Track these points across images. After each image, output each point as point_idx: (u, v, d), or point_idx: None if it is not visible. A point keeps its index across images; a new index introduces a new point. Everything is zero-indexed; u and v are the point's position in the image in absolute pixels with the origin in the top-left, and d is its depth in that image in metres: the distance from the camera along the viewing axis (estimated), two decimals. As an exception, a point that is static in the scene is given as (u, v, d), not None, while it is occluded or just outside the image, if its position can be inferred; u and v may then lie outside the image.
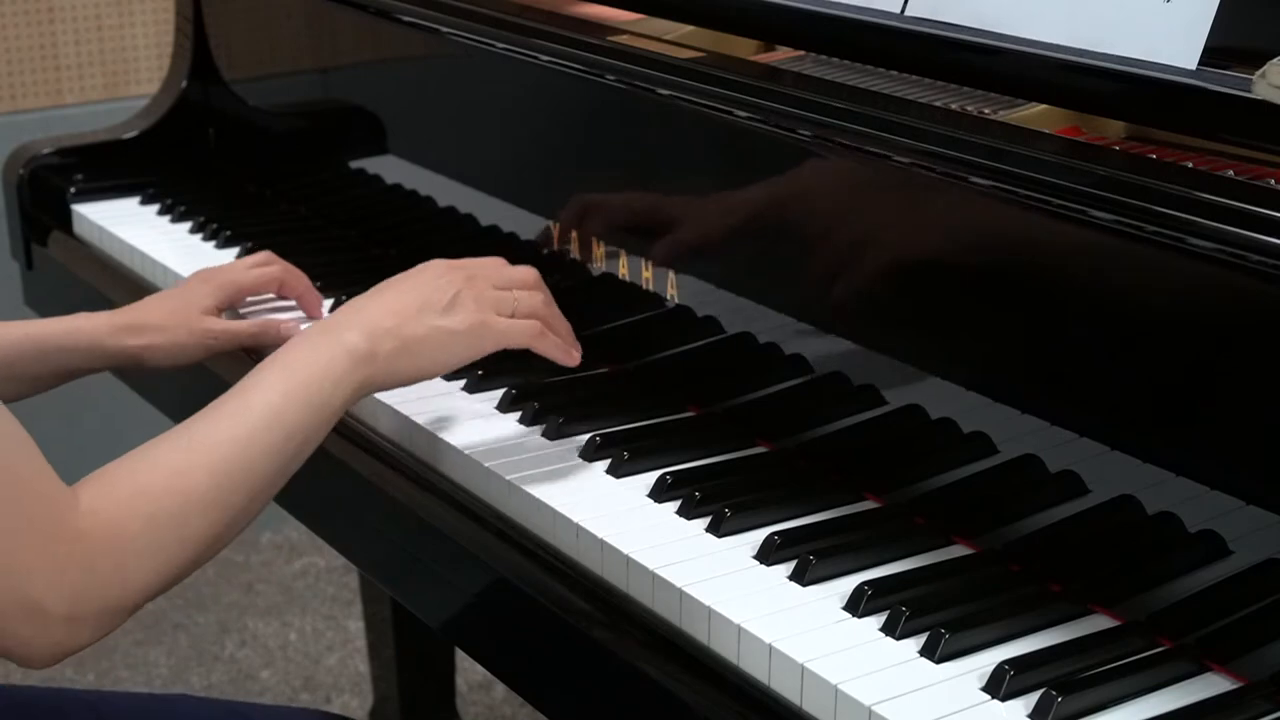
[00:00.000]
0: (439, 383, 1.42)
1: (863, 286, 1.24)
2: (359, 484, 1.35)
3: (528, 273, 1.31)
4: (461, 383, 1.41)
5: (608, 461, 1.27)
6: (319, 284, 1.63)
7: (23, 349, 1.42)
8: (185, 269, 1.71)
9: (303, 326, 1.50)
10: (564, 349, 1.29)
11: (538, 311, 1.28)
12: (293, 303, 1.58)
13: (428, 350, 1.23)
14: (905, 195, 1.19)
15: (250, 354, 1.49)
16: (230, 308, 1.53)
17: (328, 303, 1.59)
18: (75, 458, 1.42)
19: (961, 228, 1.16)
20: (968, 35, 1.23)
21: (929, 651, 1.03)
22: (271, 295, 1.58)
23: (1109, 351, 1.08)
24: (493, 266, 1.30)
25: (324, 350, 1.19)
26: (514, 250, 1.56)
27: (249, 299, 1.57)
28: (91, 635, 1.06)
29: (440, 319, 1.23)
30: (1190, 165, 1.07)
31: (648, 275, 1.40)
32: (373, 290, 1.27)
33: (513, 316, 1.26)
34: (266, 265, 1.55)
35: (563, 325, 1.31)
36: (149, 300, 1.50)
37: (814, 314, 1.27)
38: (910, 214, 1.19)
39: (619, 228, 1.43)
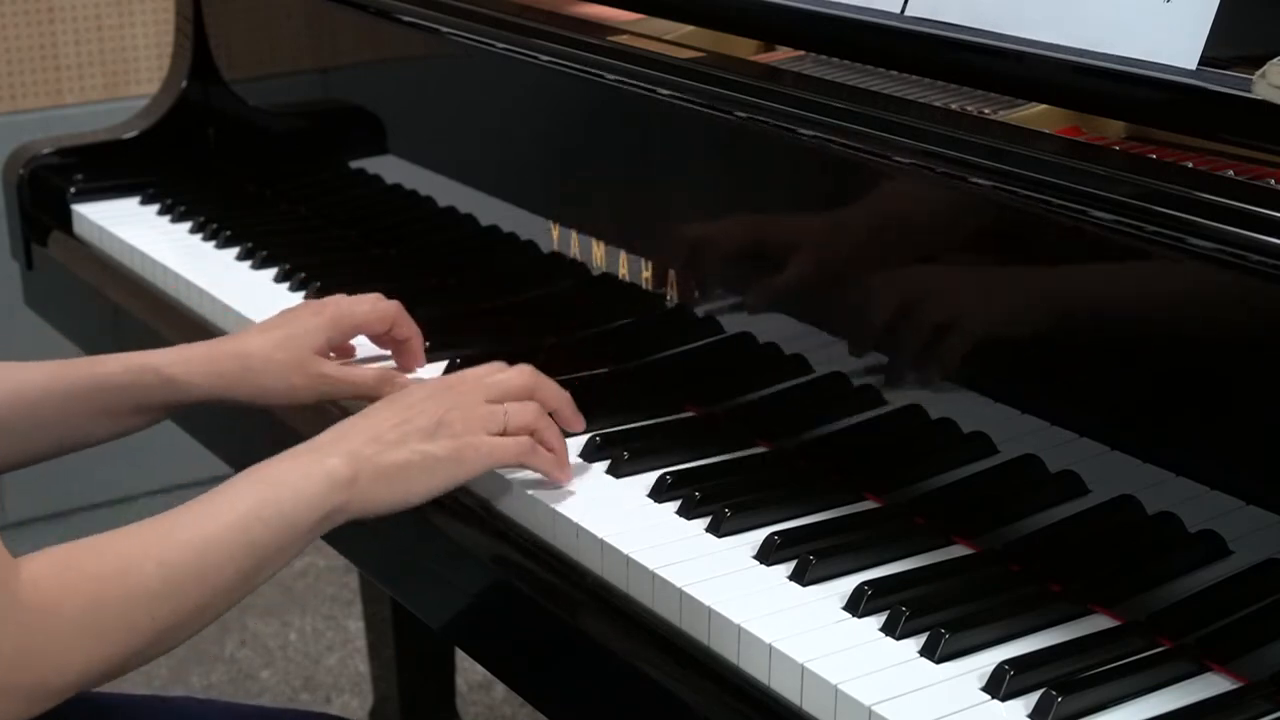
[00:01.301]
0: (439, 383, 1.42)
1: (862, 286, 1.23)
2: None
3: (521, 378, 1.27)
4: (461, 383, 1.41)
5: (608, 461, 1.27)
6: (318, 284, 1.63)
7: (104, 386, 1.34)
8: (185, 269, 1.71)
9: (388, 363, 1.43)
10: (556, 464, 1.24)
11: (530, 425, 1.23)
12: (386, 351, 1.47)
13: (410, 476, 1.19)
14: (905, 195, 1.19)
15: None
16: (341, 343, 1.42)
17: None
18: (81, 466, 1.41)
19: (961, 228, 1.16)
20: (968, 35, 1.23)
21: (929, 651, 1.03)
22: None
23: (1109, 351, 1.08)
24: (484, 378, 1.26)
25: (302, 470, 1.16)
26: (514, 250, 1.56)
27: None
28: (19, 710, 1.02)
29: (423, 444, 1.19)
30: (1190, 165, 1.07)
31: (647, 275, 1.40)
32: (360, 414, 1.23)
33: (504, 431, 1.22)
34: (381, 301, 1.44)
35: (556, 437, 1.25)
36: (249, 334, 1.39)
37: (814, 314, 1.27)
38: (910, 214, 1.19)
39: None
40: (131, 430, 1.39)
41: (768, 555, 1.13)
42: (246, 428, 1.56)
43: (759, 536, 1.15)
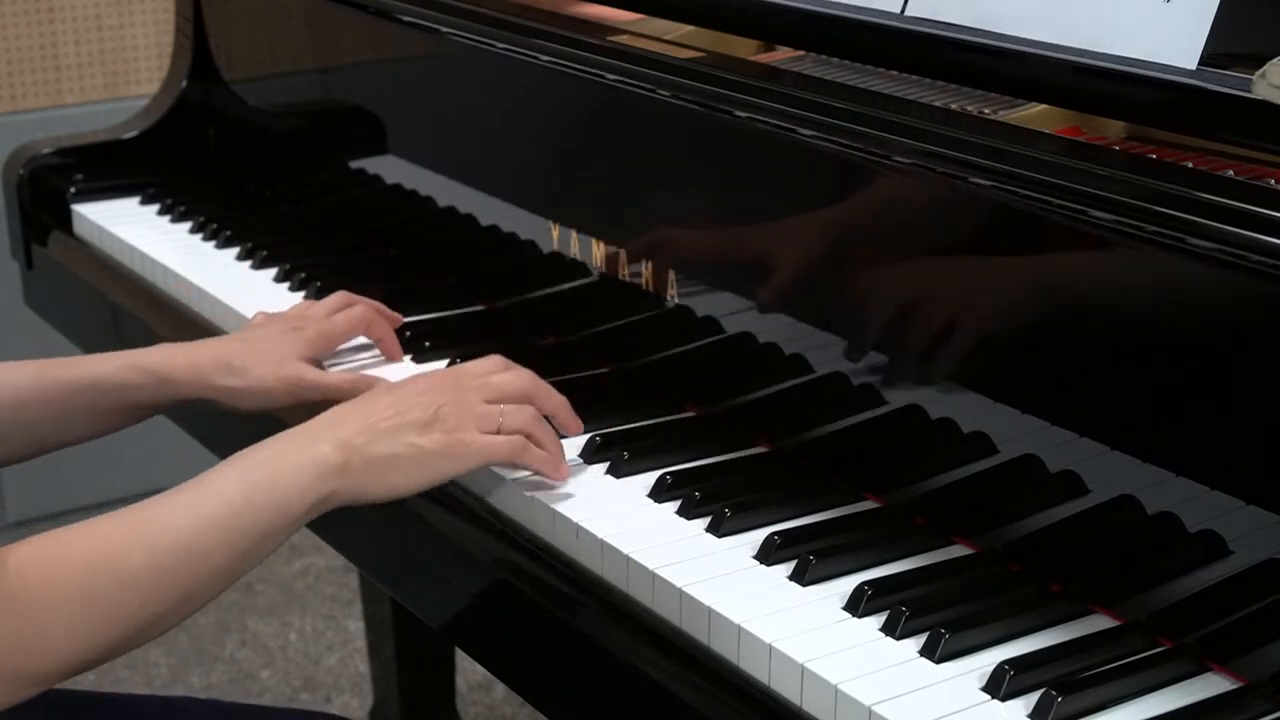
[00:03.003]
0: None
1: (862, 286, 1.24)
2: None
3: (519, 381, 1.27)
4: (461, 383, 1.41)
5: (608, 462, 1.27)
6: (318, 284, 1.63)
7: (87, 386, 1.36)
8: (186, 269, 1.71)
9: (388, 364, 1.45)
10: (551, 462, 1.23)
11: (525, 428, 1.23)
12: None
13: (400, 468, 1.19)
14: (905, 195, 1.19)
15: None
16: (323, 357, 1.45)
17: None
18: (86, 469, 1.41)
19: (961, 228, 1.16)
20: (968, 35, 1.23)
21: (929, 651, 1.03)
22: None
23: (1109, 351, 1.08)
24: (484, 375, 1.26)
25: (292, 456, 1.16)
26: (513, 250, 1.56)
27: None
28: (9, 695, 1.03)
29: (416, 436, 1.19)
30: (1190, 165, 1.07)
31: (647, 275, 1.40)
32: (355, 400, 1.24)
33: (499, 431, 1.22)
34: (350, 307, 1.47)
35: (550, 438, 1.25)
36: (231, 339, 1.43)
37: (814, 314, 1.27)
38: (910, 214, 1.19)
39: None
40: (114, 429, 1.40)
41: (768, 555, 1.13)
42: (247, 428, 1.57)
43: (759, 536, 1.15)
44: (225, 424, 1.62)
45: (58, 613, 1.04)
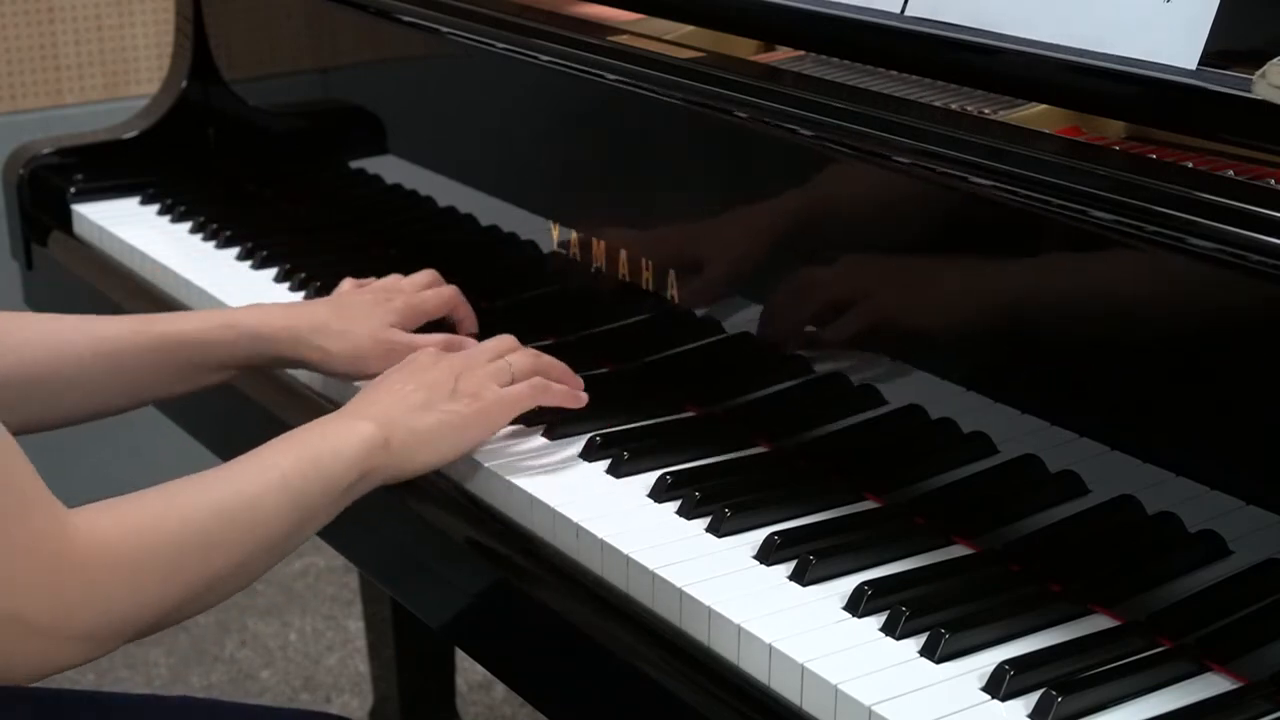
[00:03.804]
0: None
1: (862, 286, 1.24)
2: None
3: (506, 338, 1.34)
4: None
5: (608, 461, 1.27)
6: (318, 284, 1.63)
7: (184, 340, 1.38)
8: (186, 269, 1.71)
9: None
10: (570, 394, 1.30)
11: (535, 367, 1.30)
12: None
13: (442, 436, 1.24)
14: (905, 195, 1.19)
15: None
16: (409, 330, 1.44)
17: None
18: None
19: (961, 228, 1.16)
20: (968, 35, 1.23)
21: (929, 651, 1.03)
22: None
23: (1109, 351, 1.08)
24: (475, 346, 1.33)
25: (337, 434, 1.20)
26: (513, 250, 1.56)
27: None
28: (73, 655, 1.04)
29: (449, 404, 1.24)
30: (1190, 165, 1.07)
31: (648, 275, 1.40)
32: (377, 383, 1.28)
33: (512, 381, 1.28)
34: (440, 286, 1.49)
35: (558, 368, 1.32)
36: (318, 304, 1.45)
37: (814, 314, 1.27)
38: (910, 214, 1.19)
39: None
40: (204, 386, 1.41)
41: (768, 555, 1.13)
42: (248, 427, 1.57)
43: (759, 536, 1.15)
44: (225, 424, 1.63)
45: (125, 569, 1.05)
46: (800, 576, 1.11)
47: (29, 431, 1.38)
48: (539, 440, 1.31)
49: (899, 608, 1.05)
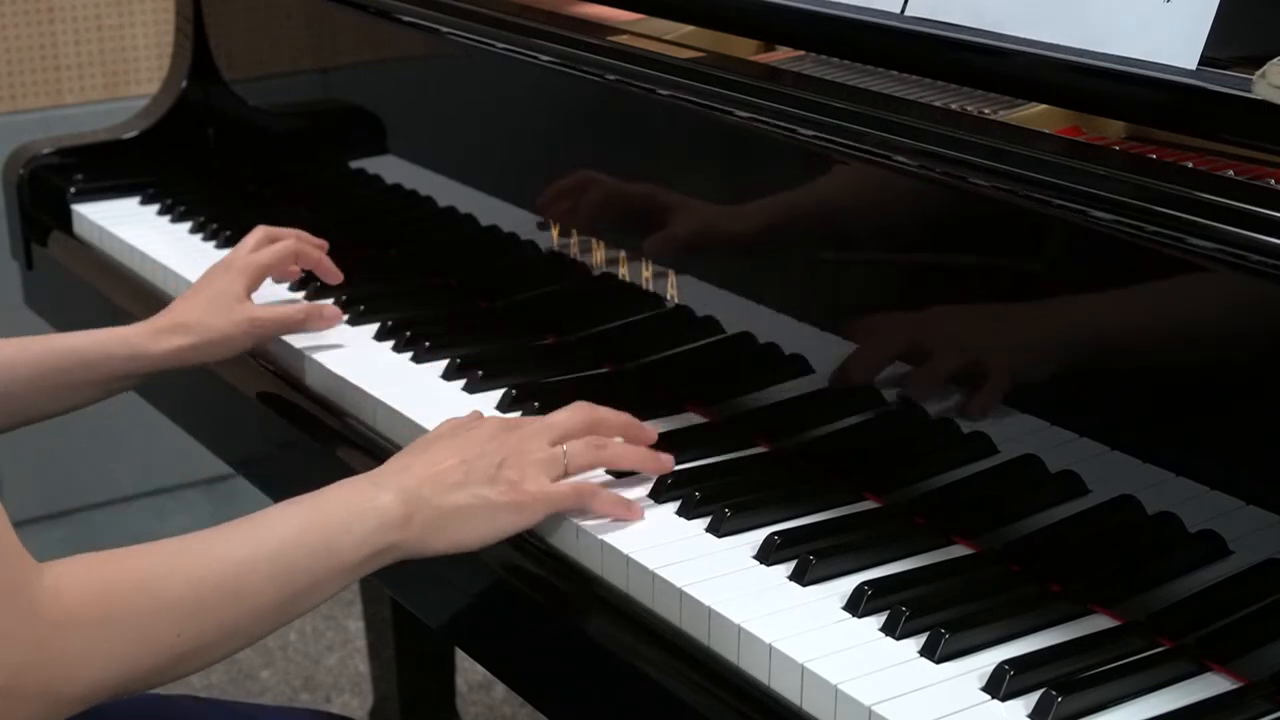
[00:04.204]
0: (441, 385, 1.42)
1: (863, 286, 1.24)
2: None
3: (579, 414, 1.23)
4: (462, 383, 1.41)
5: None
6: (317, 284, 1.62)
7: (60, 360, 1.40)
8: (185, 269, 1.71)
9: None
10: (621, 503, 1.19)
11: (593, 461, 1.21)
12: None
13: (466, 522, 1.15)
14: (905, 195, 1.19)
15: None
16: (255, 289, 1.50)
17: (327, 300, 1.57)
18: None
19: (961, 228, 1.16)
20: (968, 35, 1.23)
21: (929, 651, 1.03)
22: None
23: (1109, 351, 1.08)
24: (542, 420, 1.22)
25: (354, 504, 1.13)
26: (513, 250, 1.56)
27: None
28: (38, 715, 1.00)
29: (483, 488, 1.15)
30: (1190, 165, 1.07)
31: (648, 275, 1.40)
32: (419, 444, 1.20)
33: (565, 473, 1.19)
34: (275, 240, 1.53)
35: (626, 454, 1.23)
36: (178, 303, 1.48)
37: (814, 314, 1.27)
38: (910, 214, 1.19)
39: (612, 217, 1.42)
40: (88, 403, 1.44)
41: (768, 555, 1.13)
42: (246, 426, 1.57)
43: (759, 536, 1.15)
44: (226, 424, 1.63)
45: (92, 633, 1.01)
46: (800, 576, 1.11)
47: None
48: (539, 440, 1.31)
49: (899, 608, 1.05)
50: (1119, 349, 1.08)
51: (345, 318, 1.55)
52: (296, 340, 1.51)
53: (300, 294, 1.64)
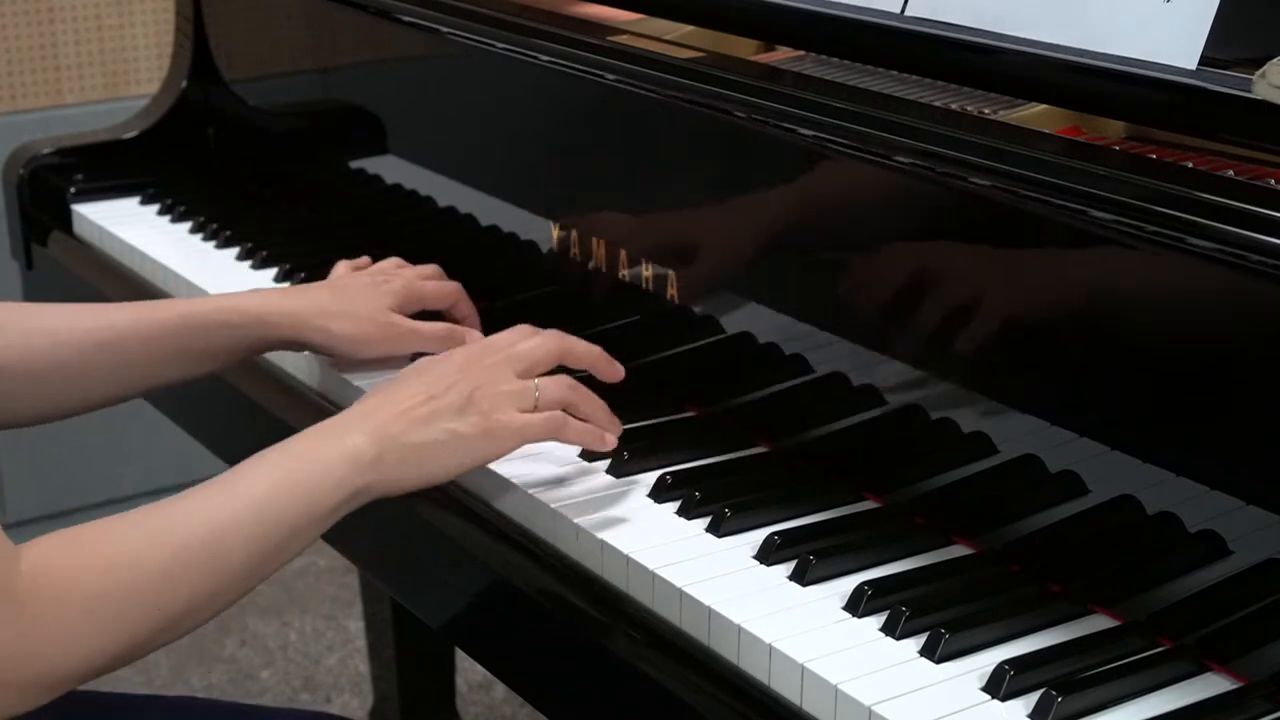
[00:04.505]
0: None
1: (863, 286, 1.24)
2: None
3: (548, 343, 1.24)
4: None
5: (608, 461, 1.27)
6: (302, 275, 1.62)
7: (188, 325, 1.36)
8: (185, 269, 1.71)
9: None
10: (595, 434, 1.21)
11: (562, 400, 1.21)
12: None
13: (438, 456, 1.17)
14: (905, 195, 1.19)
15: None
16: (406, 313, 1.44)
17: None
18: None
19: (961, 228, 1.16)
20: (968, 35, 1.23)
21: (929, 651, 1.03)
22: None
23: (1109, 352, 1.08)
24: (511, 347, 1.23)
25: (324, 449, 1.14)
26: (513, 250, 1.56)
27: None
28: (19, 703, 1.00)
29: (452, 421, 1.17)
30: (1190, 165, 1.07)
31: (648, 275, 1.40)
32: (386, 387, 1.20)
33: (535, 408, 1.20)
34: (442, 280, 1.48)
35: (594, 405, 1.23)
36: (319, 287, 1.44)
37: (814, 314, 1.27)
38: (910, 214, 1.19)
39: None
40: (206, 372, 1.40)
41: (768, 555, 1.13)
42: (246, 426, 1.57)
43: (759, 536, 1.15)
44: (226, 424, 1.62)
45: (74, 617, 1.01)
46: (800, 576, 1.11)
47: (38, 422, 1.38)
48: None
49: (899, 608, 1.05)
50: (1119, 349, 1.08)
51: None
52: None
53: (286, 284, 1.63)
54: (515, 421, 1.19)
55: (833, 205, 1.25)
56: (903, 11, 1.28)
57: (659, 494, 1.22)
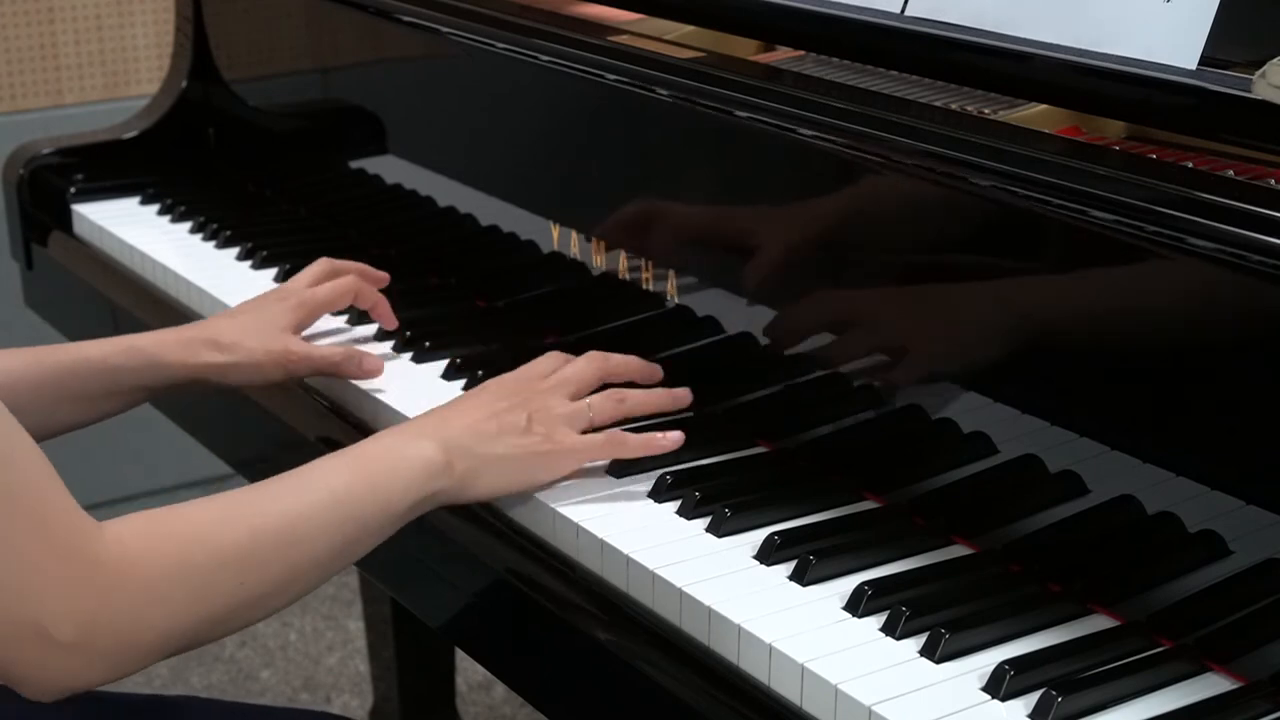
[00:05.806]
0: (441, 384, 1.42)
1: (862, 286, 1.24)
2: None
3: (591, 365, 1.29)
4: (462, 383, 1.41)
5: (608, 461, 1.27)
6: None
7: (79, 369, 1.36)
8: (185, 269, 1.71)
9: (387, 363, 1.43)
10: (648, 443, 1.25)
11: (614, 416, 1.27)
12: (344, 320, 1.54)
13: (503, 469, 1.21)
14: (905, 195, 1.19)
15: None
16: (307, 327, 1.47)
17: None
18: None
19: (961, 228, 1.16)
20: (968, 35, 1.23)
21: (929, 651, 1.03)
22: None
23: (1109, 352, 1.08)
24: (556, 373, 1.28)
25: (399, 452, 1.17)
26: (513, 250, 1.56)
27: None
28: (102, 672, 1.02)
29: (519, 438, 1.21)
30: (1190, 165, 1.07)
31: (648, 275, 1.40)
32: (451, 404, 1.25)
33: (589, 427, 1.25)
34: (336, 277, 1.49)
35: (647, 401, 1.29)
36: (218, 318, 1.45)
37: (814, 314, 1.27)
38: (910, 214, 1.19)
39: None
40: (107, 415, 1.40)
41: (768, 555, 1.13)
42: (246, 426, 1.57)
43: (759, 536, 1.15)
44: (226, 424, 1.62)
45: (156, 584, 1.03)
46: (800, 576, 1.11)
47: None
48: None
49: (899, 608, 1.05)
50: (1119, 349, 1.08)
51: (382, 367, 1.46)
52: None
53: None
54: (575, 443, 1.24)
55: (832, 205, 1.25)
56: (903, 11, 1.28)
57: (659, 494, 1.22)
